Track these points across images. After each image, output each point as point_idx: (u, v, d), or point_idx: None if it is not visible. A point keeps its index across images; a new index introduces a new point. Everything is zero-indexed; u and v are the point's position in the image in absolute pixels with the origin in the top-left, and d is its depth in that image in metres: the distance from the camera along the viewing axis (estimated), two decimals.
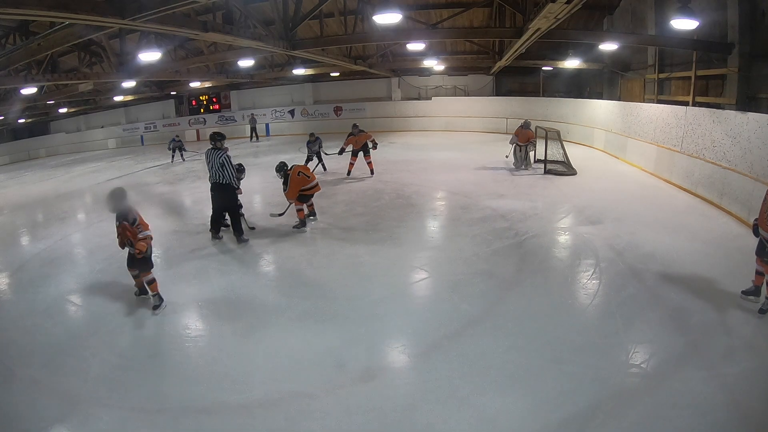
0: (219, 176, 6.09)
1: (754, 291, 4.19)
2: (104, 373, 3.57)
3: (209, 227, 6.63)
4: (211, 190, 6.31)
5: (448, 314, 4.15)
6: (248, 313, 4.40)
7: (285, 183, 6.63)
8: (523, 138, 10.04)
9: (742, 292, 4.25)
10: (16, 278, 5.88)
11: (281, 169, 6.72)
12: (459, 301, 4.38)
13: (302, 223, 6.82)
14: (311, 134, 10.78)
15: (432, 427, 2.85)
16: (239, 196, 6.52)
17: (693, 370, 3.22)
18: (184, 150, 15.70)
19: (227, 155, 6.10)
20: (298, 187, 6.58)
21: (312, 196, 6.90)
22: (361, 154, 10.04)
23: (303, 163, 9.47)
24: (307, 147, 10.75)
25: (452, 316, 4.11)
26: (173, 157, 15.54)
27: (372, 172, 10.16)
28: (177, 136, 16.07)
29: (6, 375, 3.67)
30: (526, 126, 10.22)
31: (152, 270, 4.61)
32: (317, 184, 6.86)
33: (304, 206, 6.89)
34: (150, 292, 4.65)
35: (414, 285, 4.95)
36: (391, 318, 4.18)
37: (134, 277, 4.70)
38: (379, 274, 5.10)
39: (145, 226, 4.47)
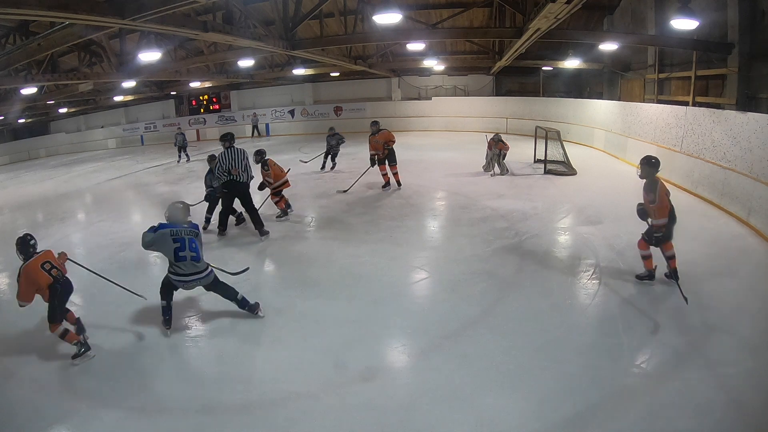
0: (243, 175, 6.22)
1: (648, 275, 4.59)
2: (104, 373, 3.57)
3: (218, 224, 6.75)
4: (224, 188, 6.36)
5: (448, 314, 4.15)
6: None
7: (265, 167, 7.08)
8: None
9: (636, 276, 4.62)
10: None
11: (261, 154, 7.17)
12: (459, 301, 4.38)
13: (284, 213, 7.32)
14: (330, 128, 11.06)
15: (432, 427, 2.85)
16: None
17: (693, 370, 3.22)
18: (186, 145, 15.60)
19: (247, 153, 6.37)
20: (275, 171, 7.13)
21: (281, 191, 7.33)
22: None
23: (323, 157, 11.08)
24: (327, 140, 11.13)
25: (452, 316, 4.11)
26: (180, 156, 15.42)
27: (399, 184, 8.68)
28: (179, 128, 15.99)
29: (6, 375, 3.67)
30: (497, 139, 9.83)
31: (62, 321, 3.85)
32: (287, 181, 7.36)
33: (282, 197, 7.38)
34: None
35: (414, 285, 4.95)
36: (391, 318, 4.18)
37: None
38: (379, 274, 5.10)
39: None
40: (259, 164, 7.08)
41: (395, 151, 8.51)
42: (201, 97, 23.37)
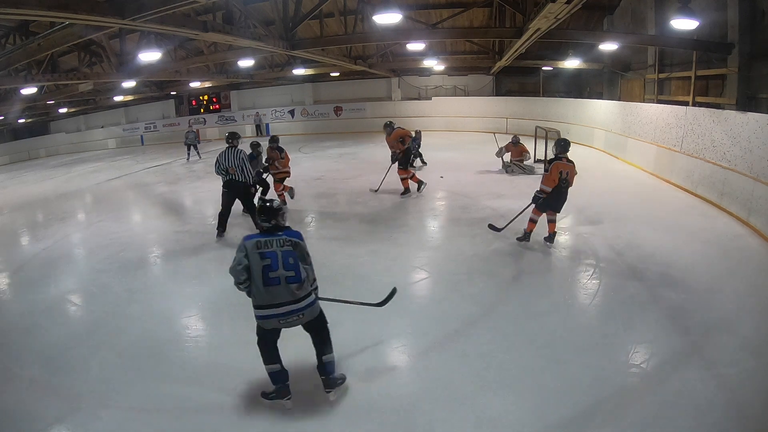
0: (239, 175, 6.20)
1: (525, 236, 5.62)
2: (104, 373, 3.57)
3: (216, 224, 6.64)
4: (224, 187, 6.35)
5: (448, 314, 4.14)
6: (248, 313, 4.37)
7: (282, 152, 7.63)
8: (516, 153, 10.07)
9: (517, 238, 5.65)
10: (16, 278, 5.88)
11: (276, 141, 7.76)
12: (459, 301, 4.38)
13: (283, 203, 7.54)
14: (416, 131, 10.46)
15: (432, 427, 2.84)
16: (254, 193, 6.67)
17: (693, 370, 3.22)
18: (198, 143, 15.61)
19: (246, 154, 6.37)
20: (286, 163, 7.70)
21: (284, 179, 7.81)
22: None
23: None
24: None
25: (452, 315, 4.11)
26: (189, 154, 15.38)
27: (406, 190, 8.18)
28: (190, 126, 15.95)
29: (6, 375, 3.67)
30: (516, 142, 10.14)
31: None
32: (289, 171, 7.88)
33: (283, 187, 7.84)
34: None
35: (414, 285, 4.94)
36: (391, 318, 4.18)
37: None
38: (379, 274, 5.09)
39: None
40: (275, 149, 7.59)
41: (410, 153, 8.21)
42: (201, 97, 23.38)
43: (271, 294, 2.82)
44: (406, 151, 7.97)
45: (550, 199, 5.34)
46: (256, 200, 6.49)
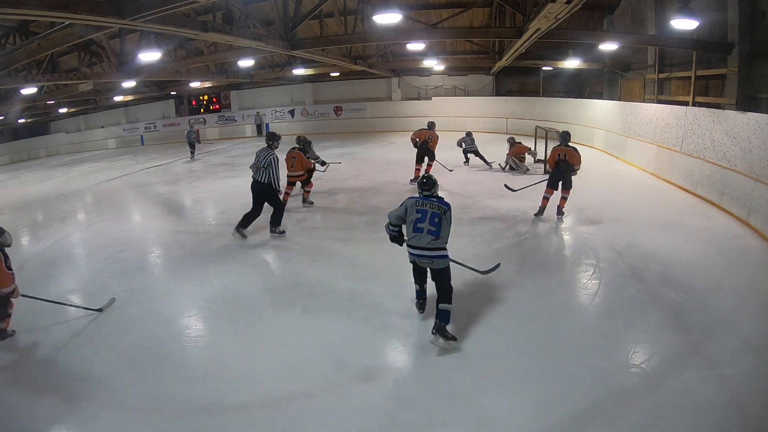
0: (262, 175, 6.13)
1: (539, 211, 6.57)
2: (104, 373, 3.57)
3: (240, 220, 6.42)
4: (252, 188, 6.29)
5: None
6: (248, 313, 4.40)
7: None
8: (516, 153, 10.27)
9: (534, 214, 6.59)
10: (16, 278, 5.86)
11: (303, 142, 8.04)
12: (459, 301, 4.36)
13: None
14: (467, 132, 11.32)
15: (432, 427, 2.85)
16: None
17: (693, 370, 3.23)
18: (198, 143, 15.69)
19: (274, 157, 6.19)
20: (288, 163, 7.52)
21: (295, 183, 7.83)
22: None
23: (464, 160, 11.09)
24: (465, 142, 11.13)
25: (452, 315, 4.09)
26: (192, 153, 15.53)
27: (415, 178, 9.20)
28: (191, 125, 16.12)
29: (6, 375, 3.67)
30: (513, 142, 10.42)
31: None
32: (300, 175, 7.73)
33: (292, 190, 7.88)
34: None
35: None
36: (391, 318, 4.18)
37: None
38: (379, 274, 5.10)
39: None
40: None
41: (425, 150, 9.25)
42: (201, 97, 23.34)
43: (416, 239, 3.74)
44: (418, 149, 9.26)
45: (555, 177, 6.44)
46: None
